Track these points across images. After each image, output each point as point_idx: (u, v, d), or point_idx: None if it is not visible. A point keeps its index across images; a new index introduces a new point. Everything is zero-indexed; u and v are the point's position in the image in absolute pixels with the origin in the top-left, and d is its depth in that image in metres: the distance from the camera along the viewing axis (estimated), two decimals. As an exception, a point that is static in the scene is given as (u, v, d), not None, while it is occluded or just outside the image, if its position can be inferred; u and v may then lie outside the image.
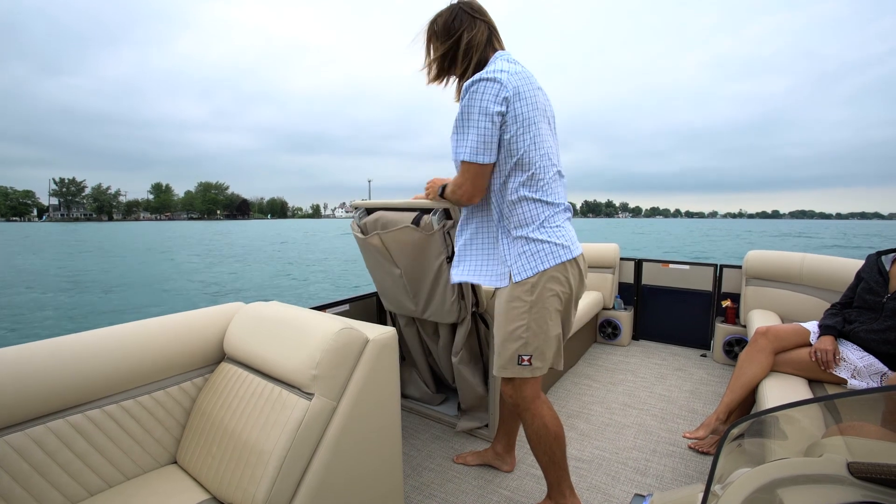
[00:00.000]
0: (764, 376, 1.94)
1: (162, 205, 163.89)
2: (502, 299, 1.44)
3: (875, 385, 1.71)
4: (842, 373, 1.78)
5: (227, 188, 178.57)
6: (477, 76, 1.30)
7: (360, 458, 1.28)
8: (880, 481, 0.52)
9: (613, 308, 3.58)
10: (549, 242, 1.37)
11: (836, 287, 2.63)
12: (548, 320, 1.39)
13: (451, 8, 1.42)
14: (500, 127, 1.31)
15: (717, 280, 3.39)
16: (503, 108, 1.29)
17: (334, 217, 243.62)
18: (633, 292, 3.71)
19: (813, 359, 1.84)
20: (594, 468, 1.90)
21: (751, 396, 1.97)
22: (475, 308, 1.98)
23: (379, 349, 1.30)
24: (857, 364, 1.76)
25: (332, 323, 1.24)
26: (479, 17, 1.41)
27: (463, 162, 1.35)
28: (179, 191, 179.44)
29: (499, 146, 1.34)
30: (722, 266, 3.38)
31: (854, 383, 1.75)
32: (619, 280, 3.73)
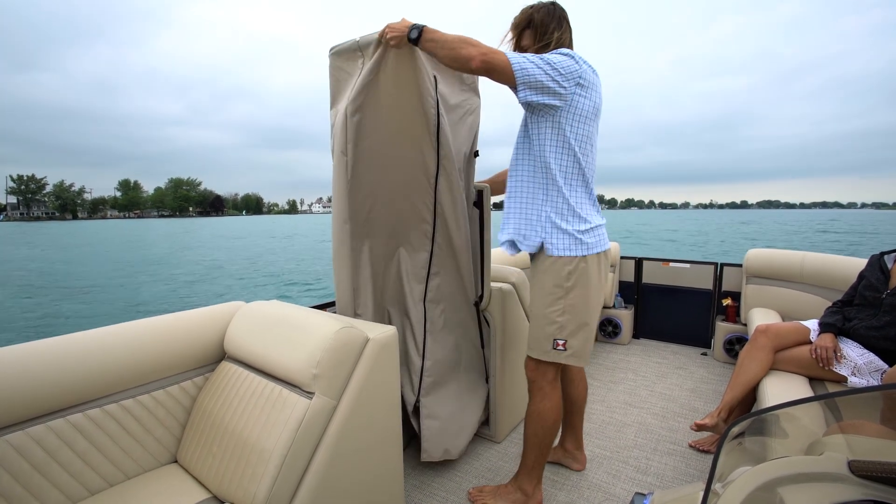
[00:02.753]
0: (764, 374, 1.94)
1: (130, 202, 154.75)
2: (541, 281, 1.49)
3: (876, 382, 1.71)
4: (842, 370, 1.78)
5: (199, 184, 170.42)
6: (568, 51, 1.39)
7: (361, 456, 1.28)
8: (881, 479, 0.52)
9: (614, 306, 3.57)
10: (588, 232, 1.45)
11: (836, 285, 2.62)
12: (583, 306, 1.45)
13: (549, 7, 1.48)
14: (560, 102, 1.36)
15: (718, 278, 3.38)
16: (578, 81, 1.36)
17: (311, 213, 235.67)
18: (634, 291, 3.70)
19: (813, 356, 1.84)
20: (595, 466, 1.90)
21: (751, 394, 1.97)
22: (478, 301, 1.97)
23: (379, 348, 1.30)
24: (857, 361, 1.76)
25: (333, 322, 1.24)
26: (567, 21, 1.50)
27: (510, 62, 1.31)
28: (151, 187, 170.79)
29: (559, 134, 1.41)
30: (722, 265, 3.38)
31: (854, 381, 1.75)
32: (620, 278, 3.73)
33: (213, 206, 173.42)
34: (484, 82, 1.68)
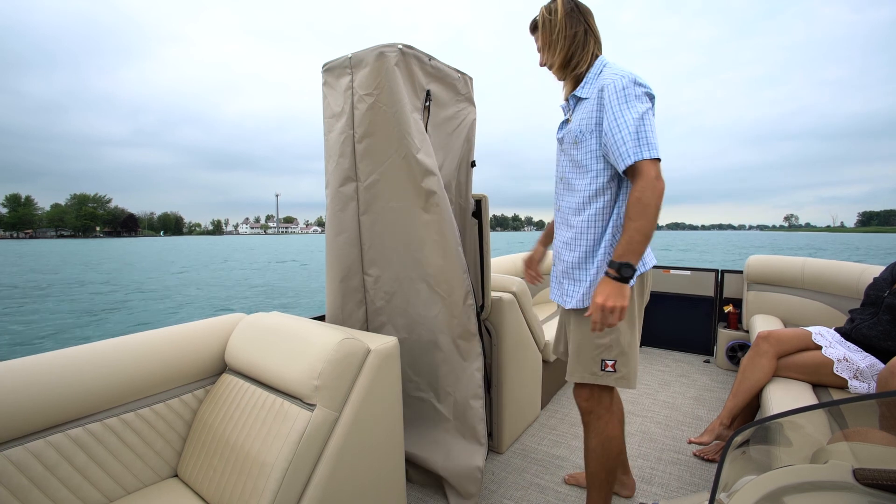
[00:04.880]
0: (767, 381, 1.93)
1: (20, 220, 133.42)
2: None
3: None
4: (843, 373, 1.77)
5: (108, 201, 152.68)
6: (633, 78, 1.21)
7: (363, 468, 1.27)
8: (886, 487, 0.51)
9: None
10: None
11: (837, 291, 2.62)
12: (634, 323, 1.35)
13: (565, 14, 1.32)
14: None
15: (719, 285, 3.38)
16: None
17: (237, 233, 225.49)
18: None
19: None
20: None
21: (755, 401, 1.96)
22: (479, 311, 1.96)
23: (381, 359, 1.30)
24: (859, 365, 1.76)
25: (334, 333, 1.24)
26: (585, 18, 1.33)
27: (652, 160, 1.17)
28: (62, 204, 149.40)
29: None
30: (723, 271, 3.38)
31: (855, 384, 1.74)
32: None
33: (125, 225, 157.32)
34: (481, 94, 1.69)
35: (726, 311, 3.21)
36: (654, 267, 3.77)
